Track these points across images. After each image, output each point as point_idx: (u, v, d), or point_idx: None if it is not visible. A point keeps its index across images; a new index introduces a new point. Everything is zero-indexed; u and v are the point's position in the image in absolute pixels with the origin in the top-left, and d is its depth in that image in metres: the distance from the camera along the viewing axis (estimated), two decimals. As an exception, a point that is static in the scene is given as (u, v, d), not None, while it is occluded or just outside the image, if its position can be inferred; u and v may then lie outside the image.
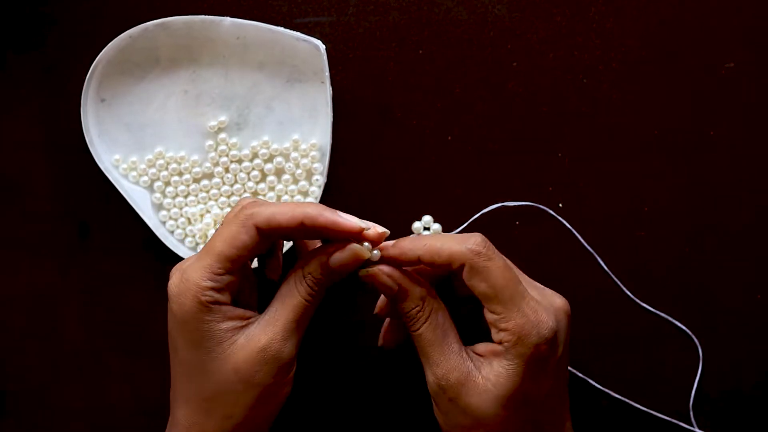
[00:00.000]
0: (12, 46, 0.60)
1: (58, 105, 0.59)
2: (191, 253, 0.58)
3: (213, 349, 0.48)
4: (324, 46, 0.56)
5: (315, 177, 0.58)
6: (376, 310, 0.54)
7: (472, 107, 0.59)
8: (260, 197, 0.59)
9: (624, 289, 0.59)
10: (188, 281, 0.48)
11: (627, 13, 0.59)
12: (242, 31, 0.57)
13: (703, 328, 0.59)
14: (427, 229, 0.58)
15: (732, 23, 0.58)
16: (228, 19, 0.57)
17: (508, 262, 0.49)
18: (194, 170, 0.59)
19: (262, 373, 0.47)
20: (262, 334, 0.48)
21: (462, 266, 0.47)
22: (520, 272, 0.51)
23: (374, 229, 0.48)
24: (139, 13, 0.58)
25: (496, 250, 0.48)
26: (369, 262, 0.49)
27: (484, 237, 0.48)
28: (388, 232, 0.49)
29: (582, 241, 0.58)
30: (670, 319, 0.58)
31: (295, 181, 0.59)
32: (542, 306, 0.48)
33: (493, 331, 0.48)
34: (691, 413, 0.58)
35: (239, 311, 0.48)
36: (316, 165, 0.58)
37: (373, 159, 0.59)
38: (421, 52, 0.59)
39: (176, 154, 0.59)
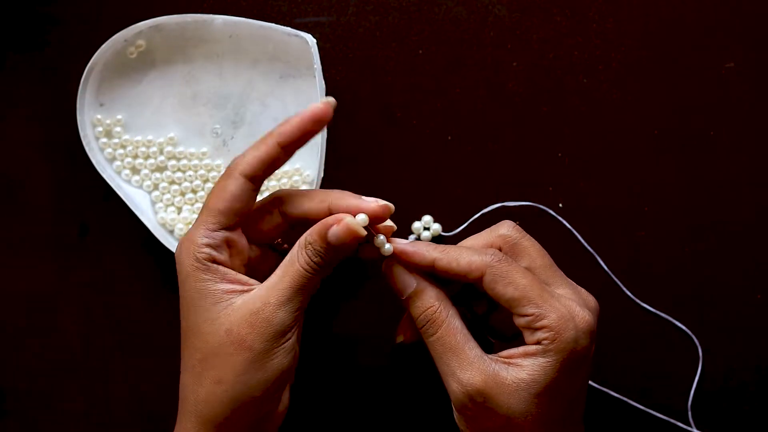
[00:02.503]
0: (12, 46, 0.60)
1: (58, 105, 0.59)
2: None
3: (209, 309, 0.47)
4: (314, 40, 0.56)
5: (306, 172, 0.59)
6: (402, 338, 0.52)
7: (472, 107, 0.59)
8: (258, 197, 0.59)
9: (624, 289, 0.59)
10: (187, 240, 0.48)
11: (627, 13, 0.59)
12: (234, 28, 0.57)
13: (702, 328, 0.59)
14: (426, 229, 0.58)
15: (732, 23, 0.58)
16: (220, 17, 0.57)
17: (543, 251, 0.50)
18: (192, 170, 0.59)
19: (253, 336, 0.46)
20: (257, 299, 0.47)
21: (478, 279, 0.47)
22: (556, 268, 0.50)
23: (375, 202, 0.48)
24: (140, 12, 0.58)
25: (527, 240, 0.49)
26: (383, 257, 0.48)
27: (512, 226, 0.49)
28: (391, 205, 0.48)
29: (582, 241, 0.58)
30: (670, 319, 0.58)
31: (287, 177, 0.59)
32: (575, 300, 0.47)
33: (527, 334, 0.46)
34: (690, 413, 0.58)
35: (241, 277, 0.48)
36: (304, 187, 0.59)
37: (373, 159, 0.59)
38: (421, 52, 0.59)
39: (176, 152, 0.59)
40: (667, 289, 0.59)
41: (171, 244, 0.58)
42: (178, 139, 0.59)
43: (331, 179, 0.58)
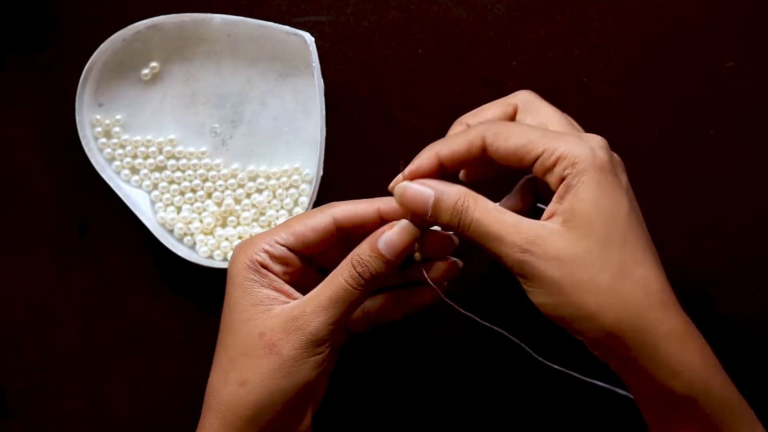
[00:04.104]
0: (12, 46, 0.60)
1: (58, 105, 0.59)
2: (190, 253, 0.58)
3: (247, 309, 0.48)
4: (312, 38, 0.56)
5: (302, 197, 0.59)
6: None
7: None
8: (258, 195, 0.59)
9: (624, 289, 0.58)
10: (248, 241, 0.49)
11: (627, 13, 0.59)
12: (233, 27, 0.57)
13: (702, 327, 0.58)
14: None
15: (732, 23, 0.58)
16: (218, 16, 0.57)
17: (559, 112, 0.50)
18: (191, 170, 0.59)
19: (284, 342, 0.47)
20: (295, 307, 0.47)
21: (481, 149, 0.47)
22: (575, 125, 0.51)
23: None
24: (139, 12, 0.58)
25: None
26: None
27: (527, 92, 0.50)
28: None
29: (582, 241, 0.58)
30: (670, 319, 0.58)
31: (286, 176, 0.59)
32: (581, 135, 0.47)
33: (549, 178, 0.46)
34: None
35: (287, 288, 0.49)
36: (303, 186, 0.59)
37: (372, 159, 0.59)
38: (420, 51, 0.59)
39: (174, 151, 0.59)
40: (667, 289, 0.58)
41: (171, 244, 0.58)
42: (177, 139, 0.59)
43: (330, 179, 0.58)
